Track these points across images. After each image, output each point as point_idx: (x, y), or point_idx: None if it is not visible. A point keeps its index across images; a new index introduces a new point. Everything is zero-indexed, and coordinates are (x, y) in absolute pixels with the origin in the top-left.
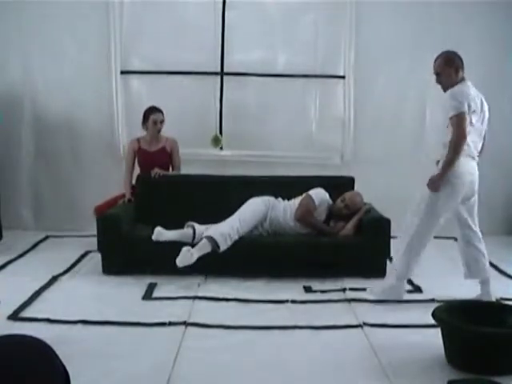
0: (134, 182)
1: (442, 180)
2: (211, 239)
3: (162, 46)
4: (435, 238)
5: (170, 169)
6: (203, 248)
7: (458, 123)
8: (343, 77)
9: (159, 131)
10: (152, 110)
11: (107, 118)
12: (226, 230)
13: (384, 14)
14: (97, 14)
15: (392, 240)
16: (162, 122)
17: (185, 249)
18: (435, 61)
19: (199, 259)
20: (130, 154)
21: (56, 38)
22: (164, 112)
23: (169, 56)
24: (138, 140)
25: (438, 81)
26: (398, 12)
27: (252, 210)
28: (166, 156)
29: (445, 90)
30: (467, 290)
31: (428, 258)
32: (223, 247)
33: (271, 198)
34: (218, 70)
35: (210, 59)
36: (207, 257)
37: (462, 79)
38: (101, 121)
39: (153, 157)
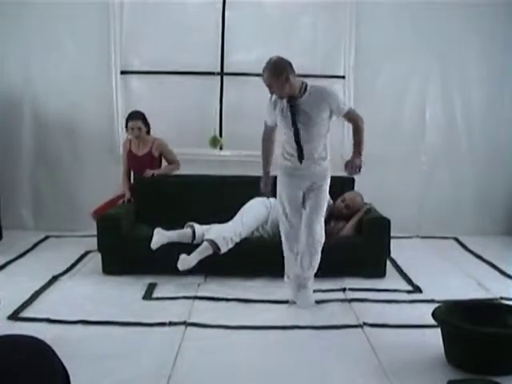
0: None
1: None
2: (212, 242)
3: (162, 46)
4: (434, 238)
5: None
6: (204, 251)
7: (355, 113)
8: (343, 77)
9: (137, 137)
10: (130, 117)
11: (107, 118)
12: (228, 234)
13: (384, 14)
14: (97, 14)
15: (392, 240)
16: (139, 128)
17: (182, 257)
18: (263, 72)
19: (199, 260)
20: (125, 154)
21: (56, 38)
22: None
23: (169, 56)
24: (130, 141)
25: (271, 91)
26: (398, 12)
27: (254, 213)
28: (154, 160)
29: (282, 98)
30: (467, 289)
31: (428, 258)
32: (224, 250)
33: (272, 200)
34: (218, 70)
35: (210, 59)
36: (207, 257)
37: (303, 82)
38: (101, 121)
39: (141, 160)
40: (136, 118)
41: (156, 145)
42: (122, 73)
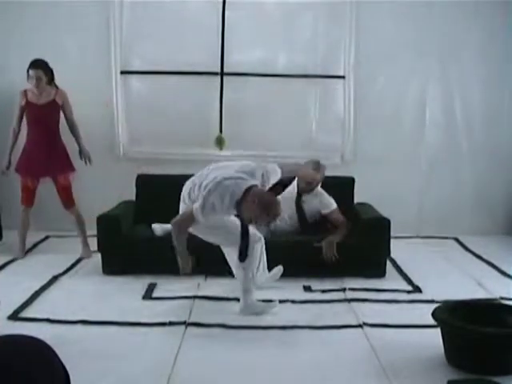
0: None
1: None
2: None
3: (162, 45)
4: (434, 238)
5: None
6: None
7: None
8: (343, 77)
9: (37, 87)
10: (31, 65)
11: (107, 118)
12: None
13: (384, 14)
14: (97, 14)
15: (392, 240)
16: (39, 78)
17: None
18: None
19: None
20: (18, 112)
21: (56, 38)
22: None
23: (169, 56)
24: (26, 92)
25: None
26: (398, 12)
27: None
28: (57, 109)
29: None
30: (467, 290)
31: (428, 258)
32: None
33: None
34: (218, 70)
35: (210, 59)
36: (207, 257)
37: None
38: (101, 121)
39: (42, 110)
40: (36, 66)
41: (60, 94)
42: (122, 73)
